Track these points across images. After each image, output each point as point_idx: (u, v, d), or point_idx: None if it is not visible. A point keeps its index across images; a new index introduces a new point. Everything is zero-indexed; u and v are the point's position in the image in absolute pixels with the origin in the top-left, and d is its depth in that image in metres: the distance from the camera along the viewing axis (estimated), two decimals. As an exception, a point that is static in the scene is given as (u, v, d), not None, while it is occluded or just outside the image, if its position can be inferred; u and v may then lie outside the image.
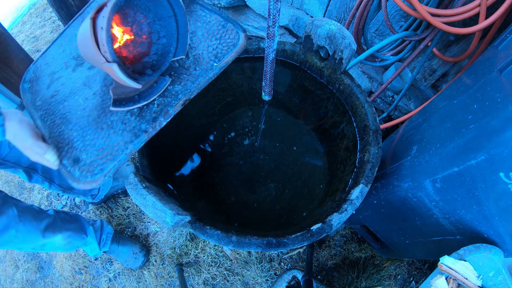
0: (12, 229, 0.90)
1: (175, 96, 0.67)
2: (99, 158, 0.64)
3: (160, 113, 0.65)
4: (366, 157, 0.81)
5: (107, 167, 0.63)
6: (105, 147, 0.65)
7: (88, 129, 0.67)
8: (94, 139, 0.66)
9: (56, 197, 1.58)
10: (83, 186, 0.63)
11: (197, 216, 0.71)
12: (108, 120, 0.67)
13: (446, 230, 0.75)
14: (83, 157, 0.65)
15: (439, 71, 1.23)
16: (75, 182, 0.63)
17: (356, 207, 0.72)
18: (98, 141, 0.66)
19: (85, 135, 0.67)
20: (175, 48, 0.70)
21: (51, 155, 0.64)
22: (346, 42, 0.78)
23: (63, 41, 0.80)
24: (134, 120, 0.66)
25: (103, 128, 0.67)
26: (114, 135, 0.66)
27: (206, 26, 0.73)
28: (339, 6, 1.27)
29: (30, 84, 0.78)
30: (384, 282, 1.32)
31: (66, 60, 0.77)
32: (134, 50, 0.67)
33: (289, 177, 1.13)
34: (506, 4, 0.81)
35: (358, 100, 0.88)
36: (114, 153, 0.64)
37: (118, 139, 0.65)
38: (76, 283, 1.41)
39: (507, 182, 0.53)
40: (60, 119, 0.70)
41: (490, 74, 0.64)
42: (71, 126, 0.69)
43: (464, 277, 0.61)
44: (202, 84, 0.68)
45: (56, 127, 0.69)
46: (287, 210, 1.06)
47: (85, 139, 0.66)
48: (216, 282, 1.35)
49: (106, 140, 0.65)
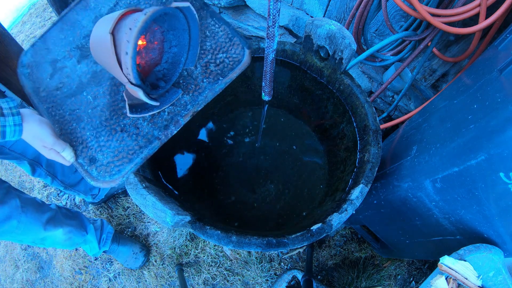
0: (14, 219, 0.90)
1: (184, 106, 0.69)
2: (116, 160, 0.67)
3: (171, 121, 0.68)
4: (366, 157, 0.81)
5: (124, 169, 0.66)
6: (121, 150, 0.67)
7: (101, 130, 0.69)
8: (109, 140, 0.68)
9: (56, 197, 1.58)
10: (101, 185, 0.66)
11: (197, 216, 0.71)
12: (121, 122, 0.69)
13: (446, 230, 0.75)
14: (99, 158, 0.67)
15: (439, 71, 1.23)
16: (93, 181, 0.66)
17: (356, 207, 0.72)
18: (113, 143, 0.68)
19: (99, 135, 0.68)
20: (186, 58, 0.70)
21: (68, 153, 0.65)
22: (346, 42, 0.78)
23: (64, 26, 0.76)
24: (146, 125, 0.68)
25: (116, 131, 0.68)
26: (129, 139, 0.68)
27: (215, 37, 0.73)
28: (339, 6, 1.27)
29: (30, 69, 0.75)
30: (384, 282, 1.32)
31: (69, 48, 0.75)
32: (146, 56, 0.67)
33: (289, 177, 1.13)
34: (506, 4, 0.81)
35: (358, 100, 0.88)
36: (130, 156, 0.67)
37: (133, 143, 0.67)
38: (76, 283, 1.41)
39: (507, 182, 0.53)
40: (70, 115, 0.70)
41: (490, 74, 0.64)
42: (83, 124, 0.69)
43: (464, 277, 0.61)
44: (209, 97, 0.71)
45: (67, 123, 0.70)
46: (287, 210, 1.06)
47: (99, 139, 0.68)
48: (216, 282, 1.35)
49: (121, 143, 0.68)
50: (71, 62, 0.74)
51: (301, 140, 1.19)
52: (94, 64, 0.73)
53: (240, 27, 1.64)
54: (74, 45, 0.75)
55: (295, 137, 1.19)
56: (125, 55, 0.54)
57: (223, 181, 1.12)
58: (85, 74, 0.73)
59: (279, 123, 1.22)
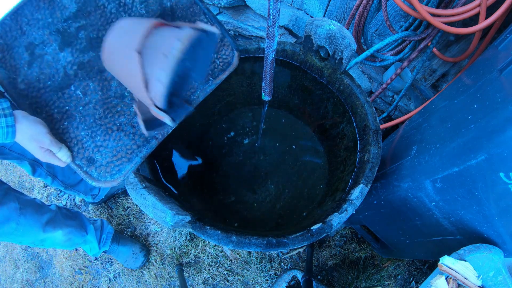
0: (12, 221, 0.89)
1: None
2: (115, 159, 0.65)
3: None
4: (366, 157, 0.81)
5: (124, 168, 0.65)
6: (119, 149, 0.66)
7: (97, 129, 0.66)
8: (106, 140, 0.66)
9: (56, 197, 1.58)
10: (103, 185, 0.65)
11: (197, 216, 0.71)
12: (116, 121, 0.66)
13: (446, 230, 0.75)
14: (98, 158, 0.65)
15: (439, 71, 1.23)
16: (94, 182, 0.65)
17: (356, 207, 0.72)
18: (110, 142, 0.66)
19: (95, 135, 0.66)
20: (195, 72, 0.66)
21: (64, 153, 0.63)
22: (346, 42, 0.78)
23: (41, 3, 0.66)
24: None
25: (113, 130, 0.66)
26: (126, 138, 0.66)
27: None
28: (339, 6, 1.27)
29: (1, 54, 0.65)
30: (384, 282, 1.32)
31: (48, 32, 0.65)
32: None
33: (289, 177, 1.13)
34: (506, 4, 0.81)
35: (358, 100, 0.88)
36: (129, 155, 0.65)
37: (131, 142, 0.66)
38: (76, 283, 1.41)
39: (507, 182, 0.53)
40: (59, 113, 0.65)
41: (490, 74, 0.64)
42: (75, 123, 0.65)
43: (464, 277, 0.61)
44: (201, 98, 0.70)
45: (57, 122, 0.65)
46: (287, 210, 1.06)
47: (95, 139, 0.66)
48: (216, 282, 1.35)
49: (118, 142, 0.66)
50: (52, 48, 0.66)
51: (301, 140, 1.19)
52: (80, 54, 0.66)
53: (240, 27, 1.64)
54: (53, 28, 0.66)
55: (295, 137, 1.19)
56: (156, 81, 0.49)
57: (223, 181, 1.12)
58: (71, 65, 0.66)
59: (279, 123, 1.22)
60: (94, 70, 0.66)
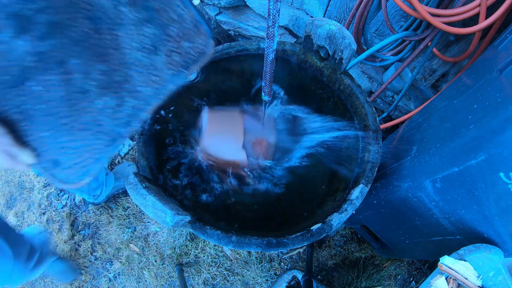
0: None
1: (146, 100, 0.65)
2: (81, 160, 0.63)
3: (134, 117, 0.64)
4: (366, 157, 0.81)
5: (92, 169, 0.63)
6: (86, 150, 0.63)
7: (60, 129, 0.62)
8: (71, 140, 0.62)
9: (56, 197, 1.58)
10: (71, 187, 0.63)
11: (197, 216, 0.71)
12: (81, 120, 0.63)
13: (446, 230, 0.75)
14: (63, 160, 0.62)
15: (439, 71, 1.23)
16: (61, 184, 0.63)
17: (356, 207, 0.72)
18: (76, 143, 0.63)
19: (58, 136, 0.61)
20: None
21: (26, 156, 0.58)
22: (346, 42, 0.78)
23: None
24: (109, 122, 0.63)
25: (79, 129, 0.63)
26: (92, 137, 0.63)
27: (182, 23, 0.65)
28: (339, 6, 1.27)
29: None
30: (384, 282, 1.32)
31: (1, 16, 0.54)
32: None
33: (289, 177, 1.13)
34: (506, 4, 0.81)
35: (358, 100, 0.88)
36: (96, 155, 0.63)
37: (97, 142, 0.64)
38: (76, 283, 1.41)
39: (507, 182, 0.53)
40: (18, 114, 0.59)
41: (490, 74, 0.64)
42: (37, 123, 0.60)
43: (464, 277, 0.61)
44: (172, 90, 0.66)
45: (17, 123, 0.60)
46: (287, 210, 1.06)
47: (59, 140, 0.62)
48: (216, 282, 1.35)
49: (85, 142, 0.63)
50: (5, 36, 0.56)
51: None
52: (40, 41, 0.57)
53: (240, 27, 1.64)
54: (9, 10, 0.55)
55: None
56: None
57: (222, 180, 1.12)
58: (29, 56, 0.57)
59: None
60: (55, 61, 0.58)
